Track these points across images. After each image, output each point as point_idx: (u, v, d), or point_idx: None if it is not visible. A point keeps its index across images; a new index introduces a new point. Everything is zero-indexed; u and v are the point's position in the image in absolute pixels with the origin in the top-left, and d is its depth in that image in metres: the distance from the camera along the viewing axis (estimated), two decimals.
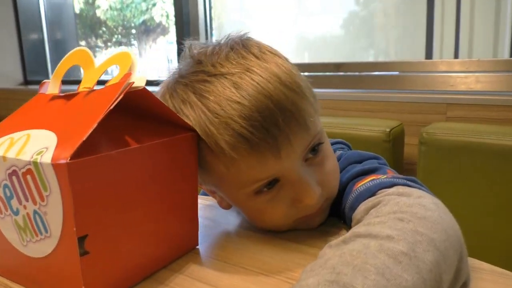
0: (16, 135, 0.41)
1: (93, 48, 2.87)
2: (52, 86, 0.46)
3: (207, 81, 0.46)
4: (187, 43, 0.51)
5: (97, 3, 2.77)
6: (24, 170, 0.37)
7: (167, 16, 2.62)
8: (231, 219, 0.57)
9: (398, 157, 1.05)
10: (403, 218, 0.37)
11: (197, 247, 0.49)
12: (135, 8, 2.68)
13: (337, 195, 0.53)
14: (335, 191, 0.52)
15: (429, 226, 0.36)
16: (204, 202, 0.63)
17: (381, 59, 1.59)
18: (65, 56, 0.46)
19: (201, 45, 0.50)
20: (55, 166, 0.34)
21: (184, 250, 0.47)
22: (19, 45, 2.53)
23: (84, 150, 0.35)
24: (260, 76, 0.44)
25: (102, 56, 2.84)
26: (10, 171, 0.38)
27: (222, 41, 0.50)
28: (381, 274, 0.30)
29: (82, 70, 0.45)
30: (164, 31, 2.64)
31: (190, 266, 0.44)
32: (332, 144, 0.62)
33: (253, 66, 0.45)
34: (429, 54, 1.31)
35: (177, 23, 1.85)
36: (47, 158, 0.35)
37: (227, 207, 0.54)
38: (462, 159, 0.91)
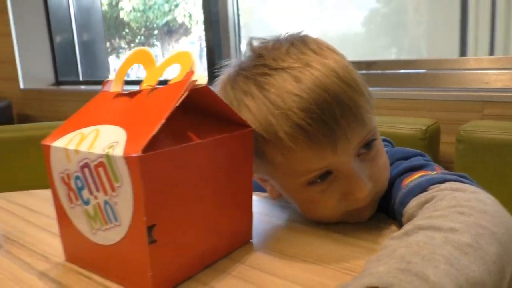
0: (85, 130, 0.44)
1: (116, 49, 2.92)
2: (115, 85, 0.48)
3: (268, 74, 0.48)
4: (248, 38, 0.53)
5: (120, 5, 2.82)
6: (96, 162, 0.39)
7: (190, 17, 2.65)
8: (281, 214, 0.59)
9: (434, 155, 1.05)
10: (464, 211, 0.37)
11: (251, 240, 0.50)
12: (157, 9, 2.72)
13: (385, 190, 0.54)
14: (385, 187, 0.53)
15: (489, 220, 0.37)
16: (255, 197, 0.64)
17: (403, 57, 1.58)
18: (127, 56, 0.48)
19: (261, 40, 0.53)
20: (127, 159, 0.36)
21: (239, 242, 0.49)
22: (50, 47, 2.60)
23: (151, 144, 0.37)
24: (319, 71, 0.46)
25: (125, 57, 2.89)
26: (82, 163, 0.41)
27: (281, 37, 0.52)
28: (450, 264, 0.31)
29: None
30: (187, 32, 2.67)
31: (249, 256, 0.46)
32: None
33: (312, 61, 0.47)
34: (463, 51, 1.30)
35: (205, 23, 1.87)
36: (119, 151, 0.37)
37: (277, 196, 0.56)
38: (500, 157, 0.91)
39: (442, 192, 0.44)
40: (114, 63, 2.92)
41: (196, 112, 0.46)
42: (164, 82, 0.44)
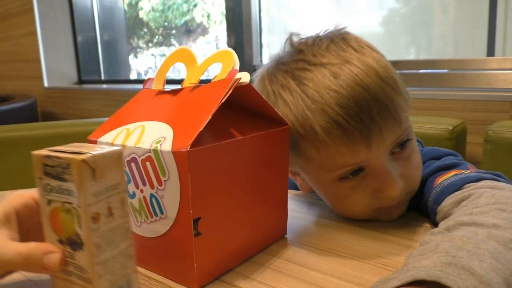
0: (131, 126, 0.45)
1: (135, 48, 2.96)
2: (156, 82, 0.50)
3: (307, 69, 0.49)
4: (289, 34, 0.54)
5: (140, 4, 2.86)
6: (143, 157, 0.41)
7: (208, 17, 2.66)
8: (313, 210, 0.59)
9: (461, 155, 1.04)
10: (505, 208, 0.38)
11: (285, 235, 0.51)
12: (176, 9, 2.74)
13: (418, 189, 0.55)
14: (417, 186, 0.53)
15: None
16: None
17: (422, 57, 1.56)
18: (169, 55, 0.50)
19: (301, 36, 0.54)
20: (176, 153, 0.38)
21: (275, 237, 0.50)
22: (74, 46, 2.65)
23: (198, 140, 0.38)
24: (359, 68, 0.47)
25: (143, 57, 2.93)
26: (129, 158, 0.42)
27: (321, 34, 0.53)
28: (496, 259, 0.31)
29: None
30: (204, 32, 2.68)
31: (285, 251, 0.47)
32: None
33: (352, 58, 0.48)
34: (491, 51, 1.28)
35: (228, 22, 1.89)
36: (167, 146, 0.39)
37: (308, 190, 0.57)
38: None
39: (479, 190, 0.44)
40: (132, 62, 2.96)
41: (238, 109, 0.47)
42: (204, 81, 0.46)
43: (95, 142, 0.46)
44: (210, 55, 0.47)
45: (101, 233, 0.33)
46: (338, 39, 0.51)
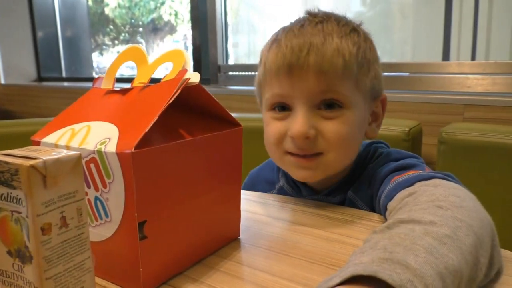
0: (76, 126, 0.44)
1: (100, 45, 2.89)
2: (106, 81, 0.48)
3: (302, 26, 0.57)
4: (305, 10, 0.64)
5: (105, 1, 2.79)
6: (87, 158, 0.39)
7: (176, 15, 2.63)
8: (267, 211, 0.59)
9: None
10: (442, 205, 0.39)
11: (238, 237, 0.51)
12: (143, 6, 2.70)
13: (374, 186, 0.56)
14: (339, 159, 0.59)
15: (466, 214, 0.39)
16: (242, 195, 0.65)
17: (386, 60, 1.61)
18: (119, 53, 0.48)
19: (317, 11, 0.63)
20: (120, 155, 0.37)
21: (227, 239, 0.50)
22: (33, 42, 2.56)
23: (143, 141, 0.37)
24: (337, 38, 0.55)
25: (109, 55, 2.86)
26: None
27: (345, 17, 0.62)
28: (430, 253, 0.32)
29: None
30: (172, 30, 2.65)
31: (236, 253, 0.47)
32: (374, 143, 0.66)
33: (334, 32, 0.56)
34: (446, 56, 1.33)
35: (193, 21, 1.87)
36: (111, 147, 0.37)
37: None
38: (481, 159, 0.93)
39: (424, 187, 0.46)
40: (98, 60, 2.88)
41: (188, 110, 0.47)
42: (155, 80, 0.45)
43: (38, 143, 0.44)
44: (161, 55, 0.46)
45: (53, 245, 0.31)
46: (345, 20, 0.59)
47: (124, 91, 0.46)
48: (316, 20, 0.58)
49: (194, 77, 0.43)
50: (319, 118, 0.56)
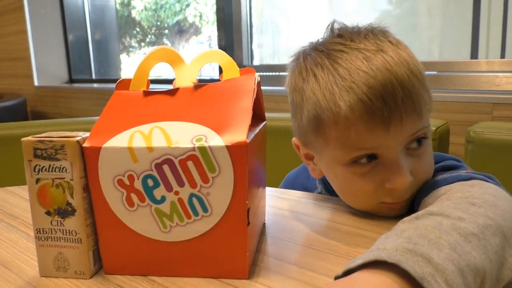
0: (142, 128, 0.41)
1: (127, 48, 2.95)
2: (136, 83, 0.47)
3: (343, 51, 0.51)
4: (332, 20, 0.57)
5: (132, 3, 2.85)
6: (183, 157, 0.39)
7: (200, 17, 2.67)
8: (297, 207, 0.61)
9: None
10: (475, 203, 0.40)
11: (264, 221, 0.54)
12: (169, 8, 2.74)
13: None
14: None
15: (499, 214, 0.39)
16: (273, 194, 0.67)
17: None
18: (147, 55, 0.47)
19: (341, 24, 0.56)
20: (231, 147, 0.38)
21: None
22: (65, 45, 2.64)
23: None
24: (391, 57, 0.49)
25: (136, 56, 2.92)
26: (159, 160, 0.39)
27: (361, 26, 0.56)
28: (453, 249, 0.33)
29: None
30: (197, 32, 2.68)
31: (265, 246, 0.48)
32: None
33: (387, 49, 0.50)
34: (474, 54, 1.31)
35: (218, 22, 1.89)
36: (216, 142, 0.38)
37: (318, 175, 0.60)
38: (510, 158, 0.92)
39: (459, 186, 0.46)
40: (125, 62, 2.95)
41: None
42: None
43: (97, 149, 0.40)
44: (198, 56, 0.47)
45: (89, 200, 0.41)
46: (378, 32, 0.53)
47: (172, 92, 0.45)
48: (359, 39, 0.52)
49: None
50: (410, 159, 0.51)
